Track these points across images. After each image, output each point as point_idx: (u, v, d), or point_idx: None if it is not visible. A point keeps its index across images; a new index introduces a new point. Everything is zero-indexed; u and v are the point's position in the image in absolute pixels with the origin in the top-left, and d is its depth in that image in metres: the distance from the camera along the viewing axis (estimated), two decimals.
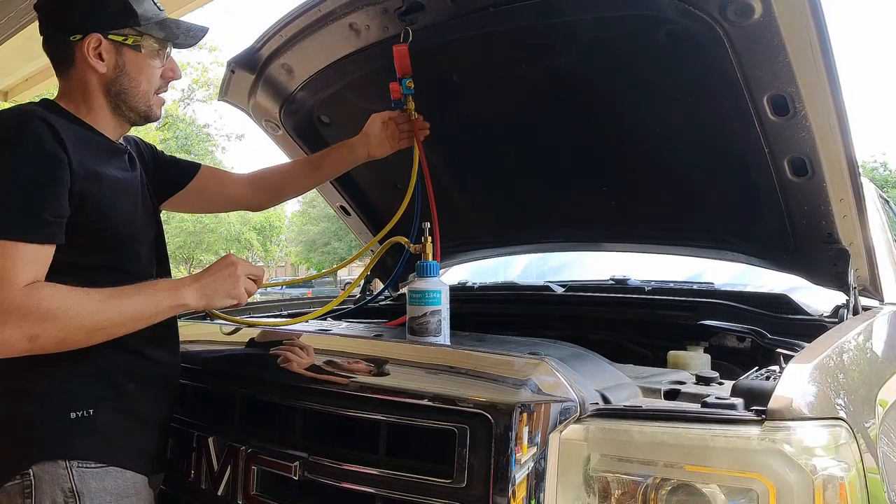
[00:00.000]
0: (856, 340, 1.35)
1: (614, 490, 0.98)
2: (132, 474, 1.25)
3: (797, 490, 0.89)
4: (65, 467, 1.16)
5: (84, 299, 1.14)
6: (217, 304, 1.31)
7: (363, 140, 1.74)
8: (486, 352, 1.19)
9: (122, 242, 1.29)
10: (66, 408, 1.19)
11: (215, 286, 1.30)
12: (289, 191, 1.81)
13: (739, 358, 1.67)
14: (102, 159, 1.27)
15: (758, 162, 1.51)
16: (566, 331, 1.90)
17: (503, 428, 1.02)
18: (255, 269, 1.37)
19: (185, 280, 1.29)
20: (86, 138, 1.26)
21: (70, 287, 1.14)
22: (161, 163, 1.58)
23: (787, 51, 1.24)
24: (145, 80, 1.34)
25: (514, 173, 2.08)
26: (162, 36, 1.34)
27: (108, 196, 1.24)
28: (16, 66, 4.39)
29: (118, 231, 1.27)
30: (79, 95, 1.31)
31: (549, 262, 2.99)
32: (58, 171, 1.15)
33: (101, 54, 1.28)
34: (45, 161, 1.14)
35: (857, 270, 1.66)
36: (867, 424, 1.08)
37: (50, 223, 1.14)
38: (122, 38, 1.29)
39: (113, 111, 1.33)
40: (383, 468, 1.13)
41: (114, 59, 1.29)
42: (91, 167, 1.21)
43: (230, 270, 1.33)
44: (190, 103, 16.59)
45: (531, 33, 1.56)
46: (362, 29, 1.66)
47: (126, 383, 1.27)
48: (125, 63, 1.31)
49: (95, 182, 1.22)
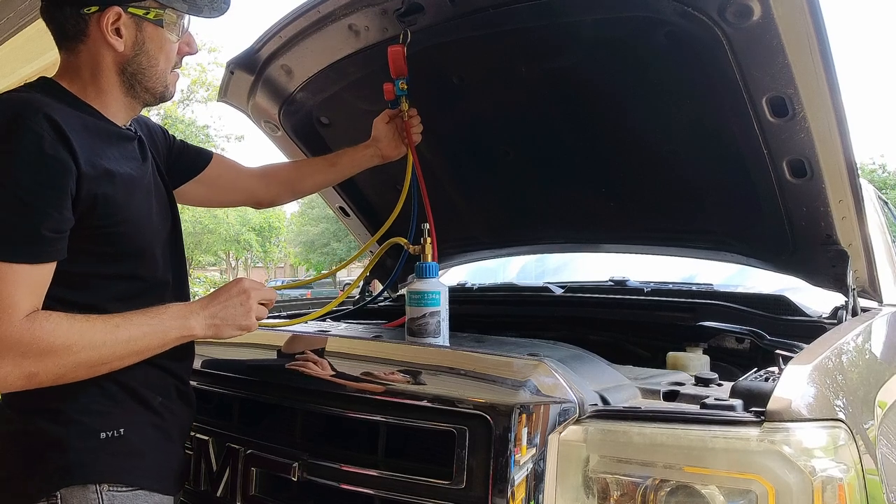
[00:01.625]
0: (855, 342, 1.35)
1: (613, 491, 0.99)
2: (160, 497, 1.18)
3: (796, 491, 0.90)
4: (94, 491, 1.09)
5: (89, 333, 1.04)
6: (225, 334, 1.21)
7: (374, 144, 1.72)
8: (485, 353, 1.19)
9: (137, 247, 1.17)
10: (96, 428, 1.11)
11: (225, 315, 1.20)
12: (302, 187, 1.74)
13: (738, 359, 1.67)
14: (113, 152, 1.15)
15: (757, 163, 1.51)
16: (565, 332, 1.90)
17: (502, 429, 1.02)
18: (266, 293, 1.26)
19: (195, 306, 1.19)
20: (93, 128, 1.13)
21: (73, 317, 1.04)
22: (175, 147, 1.46)
23: (786, 52, 1.24)
24: (164, 58, 1.20)
25: (512, 174, 2.08)
26: (185, 9, 1.20)
27: (122, 196, 1.12)
28: (15, 66, 4.39)
29: (133, 235, 1.15)
30: (87, 74, 1.15)
31: (548, 263, 2.99)
32: (60, 178, 1.02)
33: (120, 30, 1.13)
34: (44, 166, 1.01)
35: (856, 272, 1.66)
36: (866, 426, 1.08)
37: (50, 240, 1.03)
38: (143, 11, 1.14)
39: (126, 92, 1.19)
40: (382, 469, 1.13)
41: (133, 36, 1.15)
42: (102, 164, 1.09)
43: (242, 298, 1.22)
44: (189, 104, 16.58)
45: (530, 34, 1.56)
46: (361, 30, 1.66)
47: (154, 398, 1.20)
48: (145, 40, 1.16)
49: (108, 182, 1.09)
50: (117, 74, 1.17)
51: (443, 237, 1.64)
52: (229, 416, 1.38)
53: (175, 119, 15.56)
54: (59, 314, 1.03)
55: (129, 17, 1.14)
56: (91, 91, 1.16)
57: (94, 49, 1.14)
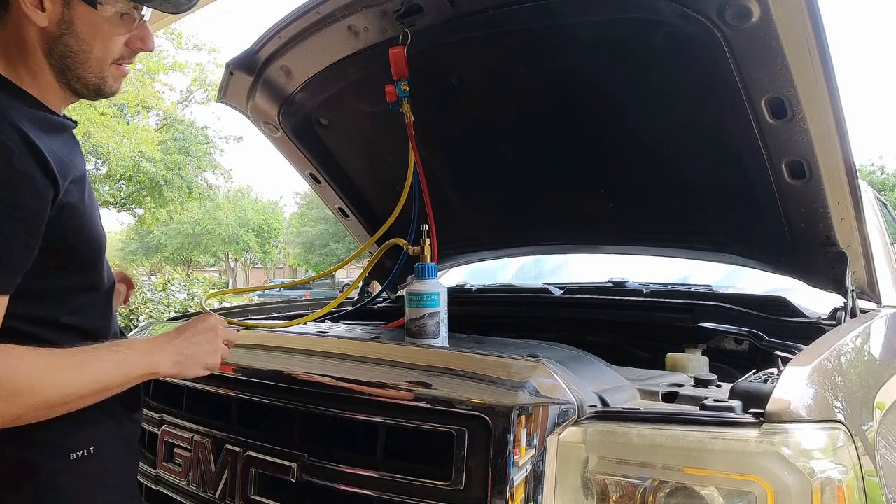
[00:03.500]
0: (854, 343, 1.35)
1: (612, 492, 0.98)
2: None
3: (795, 493, 0.90)
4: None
5: (52, 370, 0.96)
6: (190, 373, 1.13)
7: None
8: (484, 354, 1.19)
9: (95, 255, 1.11)
10: (67, 450, 1.08)
11: (192, 352, 1.13)
12: None
13: (737, 360, 1.67)
14: (65, 149, 1.05)
15: (756, 164, 1.51)
16: (564, 333, 1.90)
17: (501, 430, 1.02)
18: (231, 334, 1.21)
19: (160, 341, 1.12)
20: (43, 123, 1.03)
21: (37, 352, 0.95)
22: None
23: (784, 54, 1.24)
24: (100, 46, 1.07)
25: (512, 175, 2.08)
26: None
27: (80, 200, 1.05)
28: None
29: (92, 242, 1.09)
30: (15, 52, 1.05)
31: (547, 265, 3.00)
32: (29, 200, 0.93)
33: (43, 2, 1.02)
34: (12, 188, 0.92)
35: (855, 273, 1.66)
36: (865, 427, 1.08)
37: (15, 270, 0.95)
38: None
39: (56, 77, 1.08)
40: (382, 471, 1.13)
41: (59, 12, 1.03)
42: (65, 169, 1.00)
43: (209, 336, 1.16)
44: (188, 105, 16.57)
45: (530, 36, 1.56)
46: (361, 31, 1.66)
47: (118, 408, 1.15)
48: (73, 19, 1.04)
49: (72, 187, 1.02)
50: (44, 55, 1.06)
51: (442, 238, 1.64)
52: (228, 418, 1.38)
53: (174, 120, 15.53)
54: (22, 349, 0.94)
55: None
56: (24, 74, 1.06)
57: (17, 21, 1.03)
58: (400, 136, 1.72)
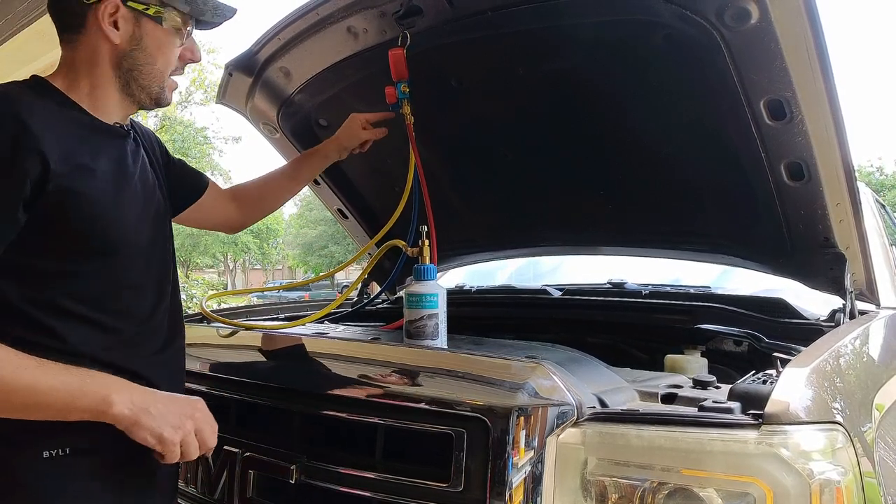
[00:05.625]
0: (852, 344, 1.35)
1: (611, 494, 0.98)
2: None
3: (794, 494, 0.90)
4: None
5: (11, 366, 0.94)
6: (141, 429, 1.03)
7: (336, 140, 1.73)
8: (483, 355, 1.19)
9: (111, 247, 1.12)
10: (39, 448, 1.05)
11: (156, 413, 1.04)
12: (269, 206, 1.72)
13: (736, 362, 1.67)
14: (96, 148, 1.12)
15: (754, 166, 1.51)
16: (563, 334, 1.90)
17: (500, 432, 1.02)
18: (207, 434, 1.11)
19: (134, 387, 1.06)
20: (76, 123, 1.11)
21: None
22: (173, 165, 1.42)
23: (783, 55, 1.24)
24: (162, 58, 1.19)
25: (511, 176, 2.08)
26: (187, 10, 1.19)
27: (98, 192, 1.09)
28: (14, 67, 4.39)
29: (109, 232, 1.11)
30: (84, 68, 1.15)
31: (546, 266, 2.99)
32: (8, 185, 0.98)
33: (117, 22, 1.13)
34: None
35: (854, 275, 1.66)
36: (864, 428, 1.08)
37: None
38: (143, 6, 1.15)
39: (121, 89, 1.18)
40: (380, 472, 1.13)
41: (131, 29, 1.15)
42: (77, 160, 1.06)
43: (186, 414, 1.09)
44: (188, 105, 16.57)
45: (529, 37, 1.56)
46: (360, 32, 1.66)
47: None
48: (143, 35, 1.16)
49: (83, 177, 1.07)
50: (113, 69, 1.16)
51: (441, 239, 1.64)
52: (226, 419, 1.38)
53: (173, 120, 15.54)
54: None
55: (127, 11, 1.14)
56: (84, 85, 1.15)
57: (93, 40, 1.14)
58: (399, 137, 1.72)
